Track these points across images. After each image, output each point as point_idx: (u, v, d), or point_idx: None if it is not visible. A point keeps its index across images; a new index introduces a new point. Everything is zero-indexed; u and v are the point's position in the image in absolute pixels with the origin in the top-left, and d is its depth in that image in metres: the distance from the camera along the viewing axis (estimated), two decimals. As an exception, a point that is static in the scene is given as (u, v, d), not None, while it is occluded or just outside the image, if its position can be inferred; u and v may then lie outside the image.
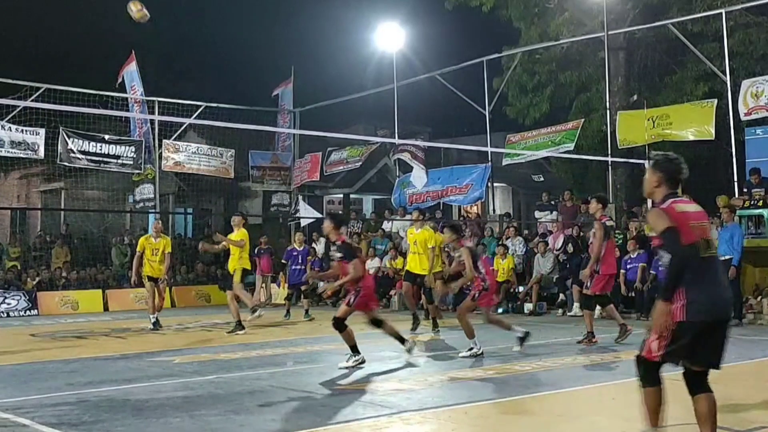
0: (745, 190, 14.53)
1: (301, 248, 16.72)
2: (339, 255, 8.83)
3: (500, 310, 16.13)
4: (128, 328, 14.06)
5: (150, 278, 13.77)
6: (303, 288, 16.06)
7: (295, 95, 24.71)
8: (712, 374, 5.25)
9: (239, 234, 13.14)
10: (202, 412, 6.32)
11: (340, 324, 8.62)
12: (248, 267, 13.52)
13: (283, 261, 17.55)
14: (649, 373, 4.82)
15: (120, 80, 21.89)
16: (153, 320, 13.60)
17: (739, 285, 12.98)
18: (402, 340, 9.08)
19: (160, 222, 14.55)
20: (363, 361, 8.65)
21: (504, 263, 16.41)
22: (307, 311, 15.59)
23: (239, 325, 12.60)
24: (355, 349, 8.63)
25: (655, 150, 18.19)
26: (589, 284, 10.54)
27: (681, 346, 4.70)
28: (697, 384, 4.95)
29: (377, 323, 8.95)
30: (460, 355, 9.41)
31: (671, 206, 4.54)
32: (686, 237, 4.41)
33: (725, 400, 6.52)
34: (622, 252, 15.14)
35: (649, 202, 16.59)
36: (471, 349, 9.42)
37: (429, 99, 26.78)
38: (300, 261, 16.52)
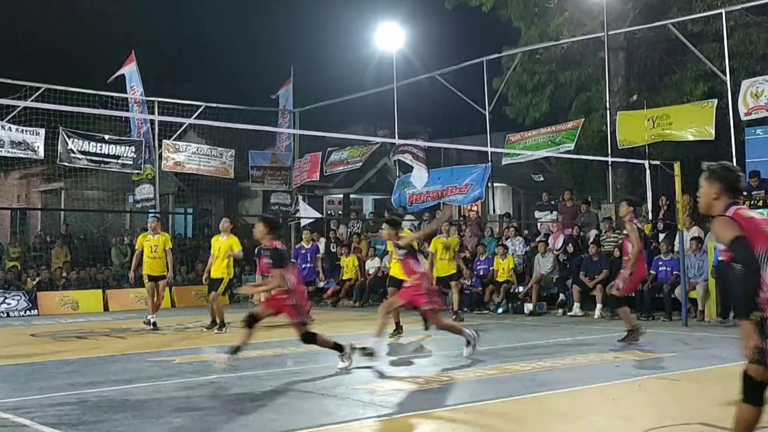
0: (744, 193, 14.50)
1: (309, 246, 16.71)
2: (269, 261, 8.41)
3: (500, 310, 16.16)
4: (128, 328, 14.06)
5: (150, 277, 13.76)
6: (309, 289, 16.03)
7: (295, 95, 24.72)
8: (712, 374, 5.26)
9: (232, 242, 13.32)
10: (202, 412, 6.32)
11: (309, 338, 8.22)
12: (232, 275, 13.92)
13: (292, 260, 17.51)
14: (751, 390, 4.13)
15: (115, 77, 21.82)
16: (152, 320, 13.59)
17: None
18: (339, 348, 8.39)
19: (156, 219, 14.57)
20: (371, 353, 8.55)
21: (504, 263, 16.42)
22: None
23: (222, 324, 12.96)
24: (338, 347, 8.38)
25: (654, 150, 18.30)
26: (621, 286, 10.44)
27: None
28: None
29: (309, 339, 8.26)
30: (464, 354, 9.24)
31: (737, 213, 4.20)
32: (760, 244, 4.02)
33: (725, 400, 6.51)
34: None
35: (650, 202, 16.64)
36: (468, 343, 9.21)
37: (429, 99, 26.80)
38: (309, 259, 16.53)
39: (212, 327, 13.04)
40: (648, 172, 16.63)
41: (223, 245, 13.45)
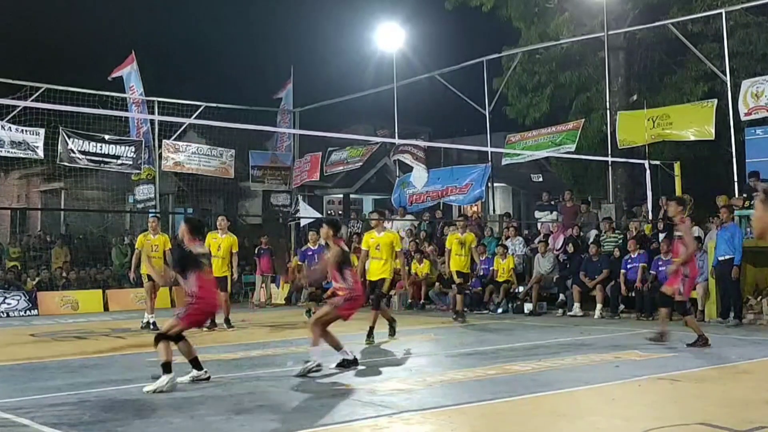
0: (744, 195, 14.51)
1: (316, 247, 16.68)
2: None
3: (500, 310, 16.16)
4: (128, 328, 14.05)
5: (150, 277, 13.76)
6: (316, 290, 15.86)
7: (295, 95, 24.72)
8: (712, 374, 5.26)
9: (232, 241, 13.36)
10: (202, 412, 6.32)
11: (164, 338, 7.43)
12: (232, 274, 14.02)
13: (299, 262, 17.47)
14: None
15: (114, 76, 21.82)
16: (152, 320, 13.58)
17: (739, 285, 12.99)
18: (197, 366, 7.67)
19: (156, 219, 14.57)
20: (316, 369, 8.03)
21: (504, 263, 16.42)
22: (309, 311, 15.30)
23: (228, 322, 13.11)
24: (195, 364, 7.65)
25: (654, 150, 18.30)
26: (681, 290, 10.14)
27: None
28: None
29: (176, 339, 7.55)
30: (331, 367, 8.34)
31: None
32: None
33: (725, 400, 6.52)
34: (622, 252, 15.15)
35: (650, 202, 16.65)
36: (311, 363, 8.11)
37: (429, 99, 26.80)
38: (316, 260, 16.49)
39: (213, 326, 13.06)
40: (648, 172, 16.65)
41: (223, 243, 13.45)
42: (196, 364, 7.63)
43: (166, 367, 7.21)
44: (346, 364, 8.39)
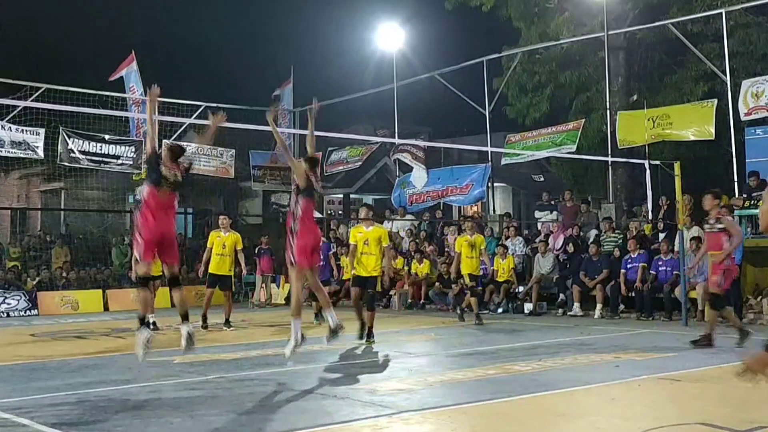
0: (744, 195, 14.52)
1: (322, 245, 16.63)
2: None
3: (500, 310, 16.16)
4: (128, 328, 14.02)
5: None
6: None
7: (295, 95, 24.71)
8: (712, 374, 5.26)
9: (236, 239, 13.40)
10: (202, 412, 6.32)
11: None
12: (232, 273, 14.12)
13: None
14: None
15: (116, 77, 21.84)
16: (151, 320, 13.57)
17: (739, 285, 12.99)
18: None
19: None
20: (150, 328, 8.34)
21: (504, 263, 16.41)
22: (318, 314, 14.40)
23: (228, 322, 13.20)
24: (142, 320, 7.99)
25: (654, 150, 18.31)
26: (721, 282, 9.95)
27: None
28: None
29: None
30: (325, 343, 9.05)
31: None
32: None
33: (725, 400, 6.52)
34: (622, 252, 15.16)
35: (650, 202, 16.64)
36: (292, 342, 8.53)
37: (429, 99, 26.79)
38: (322, 258, 16.44)
39: (227, 325, 13.18)
40: (648, 172, 16.65)
41: (228, 241, 13.46)
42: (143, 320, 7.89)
43: (142, 321, 7.70)
44: (332, 334, 8.75)
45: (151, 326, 13.33)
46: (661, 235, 15.25)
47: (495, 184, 21.58)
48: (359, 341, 10.77)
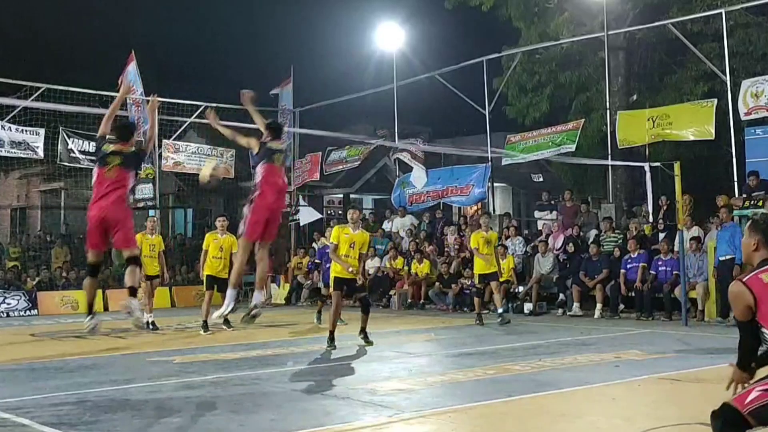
0: (744, 195, 14.51)
1: (319, 248, 16.58)
2: None
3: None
4: (128, 328, 13.98)
5: (146, 277, 13.78)
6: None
7: (295, 95, 24.71)
8: (712, 374, 5.26)
9: (233, 241, 13.35)
10: (202, 412, 6.32)
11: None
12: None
13: (316, 261, 17.39)
14: (729, 428, 3.80)
15: (121, 82, 21.88)
16: (149, 319, 13.59)
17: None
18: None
19: (155, 217, 14.56)
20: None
21: (504, 263, 16.39)
22: (319, 314, 14.07)
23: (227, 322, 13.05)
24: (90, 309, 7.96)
25: (654, 150, 18.30)
26: None
27: None
28: None
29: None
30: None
31: (756, 277, 3.87)
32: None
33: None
34: (622, 252, 15.16)
35: (650, 202, 16.66)
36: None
37: (429, 99, 26.79)
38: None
39: (227, 324, 13.08)
40: (648, 172, 16.65)
41: (225, 243, 13.44)
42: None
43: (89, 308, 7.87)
44: (250, 317, 8.37)
45: (151, 326, 13.41)
46: (661, 235, 15.25)
47: (495, 184, 21.57)
48: (328, 347, 10.23)
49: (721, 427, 3.78)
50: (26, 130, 19.32)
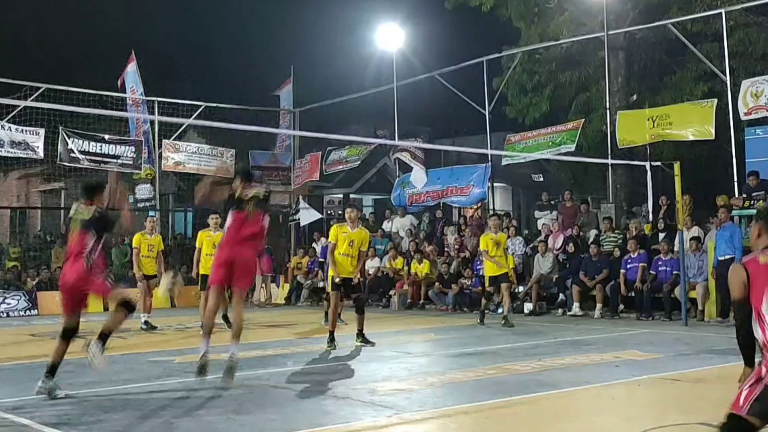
0: (744, 195, 14.52)
1: (321, 246, 16.56)
2: None
3: (500, 310, 16.14)
4: (128, 328, 14.01)
5: (145, 276, 13.78)
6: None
7: (295, 95, 24.71)
8: (712, 374, 5.26)
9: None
10: (202, 412, 6.32)
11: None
12: None
13: (320, 260, 17.34)
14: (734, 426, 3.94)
15: (122, 83, 21.94)
16: (143, 318, 13.59)
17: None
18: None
19: (154, 218, 14.53)
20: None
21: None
22: (327, 315, 13.61)
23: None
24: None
25: (654, 150, 18.30)
26: None
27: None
28: None
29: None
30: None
31: (755, 259, 4.09)
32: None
33: (725, 400, 6.51)
34: (622, 252, 15.16)
35: (650, 202, 16.67)
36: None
37: (429, 99, 26.78)
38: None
39: (225, 321, 13.06)
40: (648, 172, 16.65)
41: (218, 240, 13.38)
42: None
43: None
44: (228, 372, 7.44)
45: (145, 326, 13.40)
46: (661, 235, 15.25)
47: (495, 184, 21.57)
48: (328, 347, 10.26)
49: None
50: (26, 130, 19.33)
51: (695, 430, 5.43)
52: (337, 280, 10.38)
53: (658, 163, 16.24)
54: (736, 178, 15.75)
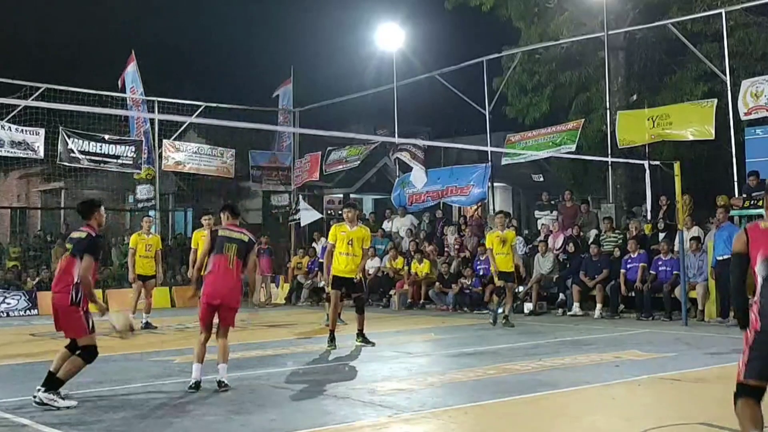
0: (744, 195, 14.52)
1: (321, 247, 16.56)
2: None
3: (500, 310, 16.13)
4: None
5: (140, 276, 13.76)
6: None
7: (295, 95, 24.71)
8: (712, 374, 5.26)
9: None
10: (202, 412, 6.33)
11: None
12: None
13: (320, 260, 17.34)
14: (747, 398, 4.39)
15: (122, 83, 21.95)
16: (144, 320, 13.59)
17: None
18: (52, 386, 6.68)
19: (151, 217, 14.52)
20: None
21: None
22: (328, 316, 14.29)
23: None
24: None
25: (654, 150, 18.31)
26: None
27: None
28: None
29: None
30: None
31: (756, 224, 4.57)
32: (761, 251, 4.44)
33: (725, 400, 6.51)
34: (622, 252, 15.16)
35: (649, 202, 16.67)
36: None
37: (429, 99, 26.79)
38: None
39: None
40: (648, 172, 16.65)
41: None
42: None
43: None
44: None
45: (143, 325, 13.41)
46: (661, 235, 15.25)
47: (495, 184, 21.57)
48: (328, 347, 10.23)
49: (741, 402, 4.33)
50: (26, 130, 19.32)
51: (695, 430, 5.43)
52: (322, 284, 10.21)
53: (658, 163, 16.23)
54: (736, 178, 15.75)
